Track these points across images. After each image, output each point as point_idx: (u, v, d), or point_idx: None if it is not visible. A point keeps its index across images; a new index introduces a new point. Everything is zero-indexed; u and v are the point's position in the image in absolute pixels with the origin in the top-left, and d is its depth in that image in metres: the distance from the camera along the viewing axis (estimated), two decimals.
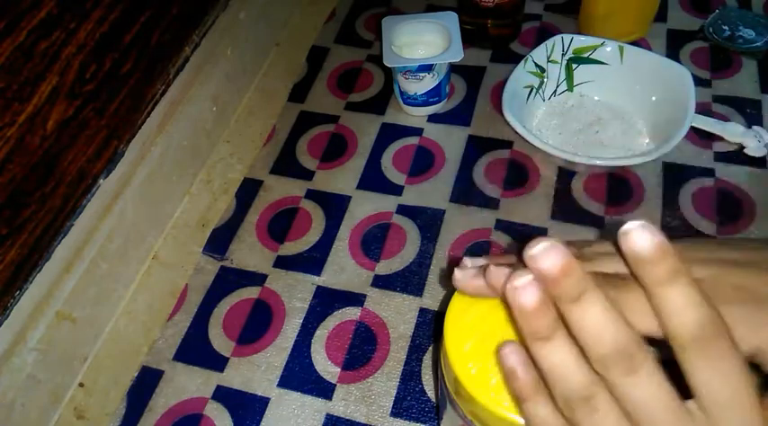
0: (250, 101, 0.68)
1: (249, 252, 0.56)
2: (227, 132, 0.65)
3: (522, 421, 0.28)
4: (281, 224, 0.58)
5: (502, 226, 0.55)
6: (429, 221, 0.56)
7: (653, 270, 0.23)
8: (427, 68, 0.59)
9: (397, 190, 0.59)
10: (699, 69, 0.65)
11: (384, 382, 0.48)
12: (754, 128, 0.58)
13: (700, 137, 0.59)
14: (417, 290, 0.52)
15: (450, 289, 0.52)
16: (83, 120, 0.46)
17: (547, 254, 0.23)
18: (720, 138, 0.59)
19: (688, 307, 0.22)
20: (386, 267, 0.54)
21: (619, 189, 0.57)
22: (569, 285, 0.23)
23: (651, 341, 0.24)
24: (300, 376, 0.48)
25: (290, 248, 0.56)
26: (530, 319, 0.24)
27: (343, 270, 0.54)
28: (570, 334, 0.24)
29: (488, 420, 0.30)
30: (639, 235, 0.22)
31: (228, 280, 0.54)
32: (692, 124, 0.55)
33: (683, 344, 0.23)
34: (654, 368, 0.23)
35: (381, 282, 0.53)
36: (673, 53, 0.67)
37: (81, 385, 0.48)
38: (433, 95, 0.62)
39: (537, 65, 0.61)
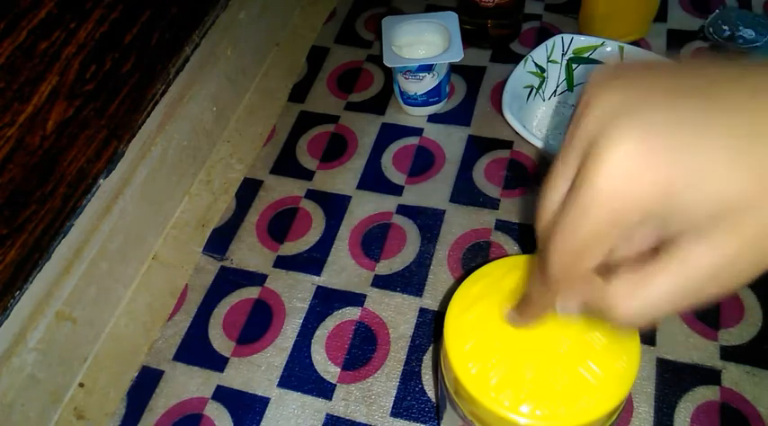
0: (250, 101, 0.68)
1: (249, 252, 0.56)
2: (227, 132, 0.65)
3: (522, 421, 0.28)
4: (281, 224, 0.58)
5: (502, 226, 0.55)
6: (429, 221, 0.56)
7: None
8: (427, 68, 0.59)
9: (397, 190, 0.59)
10: None
11: (384, 382, 0.48)
12: None
13: None
14: (417, 290, 0.52)
15: (450, 289, 0.52)
16: (83, 120, 0.46)
17: None
18: None
19: None
20: (386, 267, 0.54)
21: None
22: None
23: None
24: (300, 376, 0.48)
25: (290, 248, 0.56)
26: None
27: (343, 270, 0.54)
28: None
29: (488, 420, 0.30)
30: None
31: (228, 280, 0.54)
32: None
33: None
34: None
35: (381, 282, 0.53)
36: (673, 53, 0.67)
37: (81, 385, 0.48)
38: (433, 95, 0.62)
39: (537, 65, 0.61)
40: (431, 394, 0.47)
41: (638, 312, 0.22)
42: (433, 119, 0.64)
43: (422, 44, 0.64)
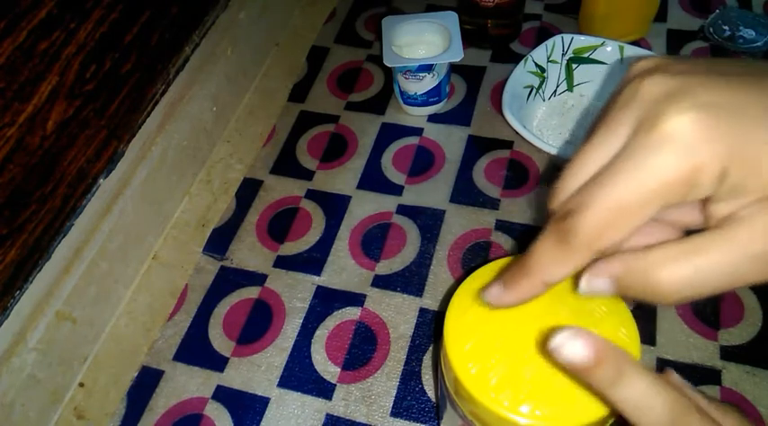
0: (250, 101, 0.68)
1: (249, 252, 0.56)
2: (227, 132, 0.65)
3: (522, 421, 0.28)
4: (281, 224, 0.58)
5: (502, 226, 0.55)
6: (429, 221, 0.56)
7: (597, 375, 0.22)
8: (427, 68, 0.59)
9: (397, 190, 0.59)
10: None
11: (384, 382, 0.48)
12: None
13: None
14: (417, 290, 0.52)
15: (450, 289, 0.52)
16: (83, 120, 0.46)
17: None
18: None
19: (649, 398, 0.22)
20: (386, 267, 0.54)
21: None
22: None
23: None
24: (300, 376, 0.48)
25: (290, 248, 0.56)
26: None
27: (343, 270, 0.54)
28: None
29: (488, 420, 0.30)
30: (572, 348, 0.22)
31: (228, 280, 0.54)
32: None
33: None
34: None
35: (381, 282, 0.53)
36: (673, 53, 0.67)
37: (81, 385, 0.48)
38: (433, 95, 0.62)
39: (537, 65, 0.61)
40: (431, 394, 0.47)
41: (685, 283, 0.20)
42: (432, 119, 0.64)
43: (422, 44, 0.64)
